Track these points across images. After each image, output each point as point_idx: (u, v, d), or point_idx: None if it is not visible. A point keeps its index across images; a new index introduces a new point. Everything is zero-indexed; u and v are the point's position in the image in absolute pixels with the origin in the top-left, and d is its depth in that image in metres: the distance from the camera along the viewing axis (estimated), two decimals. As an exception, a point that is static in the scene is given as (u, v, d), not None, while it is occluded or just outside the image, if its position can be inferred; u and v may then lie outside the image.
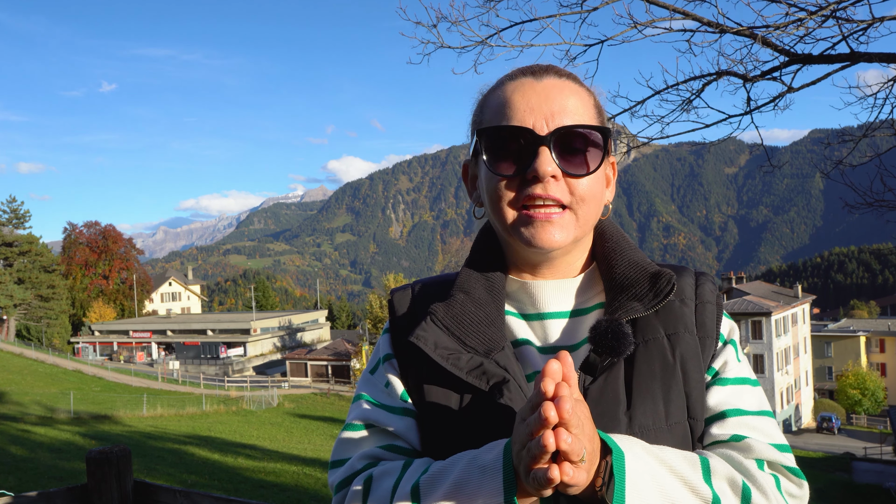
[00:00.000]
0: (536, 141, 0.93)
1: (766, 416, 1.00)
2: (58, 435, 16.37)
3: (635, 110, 5.21)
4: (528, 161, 0.94)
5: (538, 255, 1.00)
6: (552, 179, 0.94)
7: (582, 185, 0.95)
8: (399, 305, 1.10)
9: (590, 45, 4.86)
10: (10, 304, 59.69)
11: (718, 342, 1.03)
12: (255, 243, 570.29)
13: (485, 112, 1.02)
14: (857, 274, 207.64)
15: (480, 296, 1.02)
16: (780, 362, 48.24)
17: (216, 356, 59.17)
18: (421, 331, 0.99)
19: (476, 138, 1.00)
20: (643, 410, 0.94)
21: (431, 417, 0.99)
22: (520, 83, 0.99)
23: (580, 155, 0.96)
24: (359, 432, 1.04)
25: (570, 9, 4.71)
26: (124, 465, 2.80)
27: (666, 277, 1.00)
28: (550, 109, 0.95)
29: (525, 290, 1.04)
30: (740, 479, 0.90)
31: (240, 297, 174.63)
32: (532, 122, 0.95)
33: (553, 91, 0.97)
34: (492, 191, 0.98)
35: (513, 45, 4.76)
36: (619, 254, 1.04)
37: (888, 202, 5.15)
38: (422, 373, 1.01)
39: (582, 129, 0.95)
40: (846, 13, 4.34)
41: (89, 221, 79.27)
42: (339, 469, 1.03)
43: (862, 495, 25.38)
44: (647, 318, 1.00)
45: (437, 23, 4.65)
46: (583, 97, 1.00)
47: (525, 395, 0.94)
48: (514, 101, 0.97)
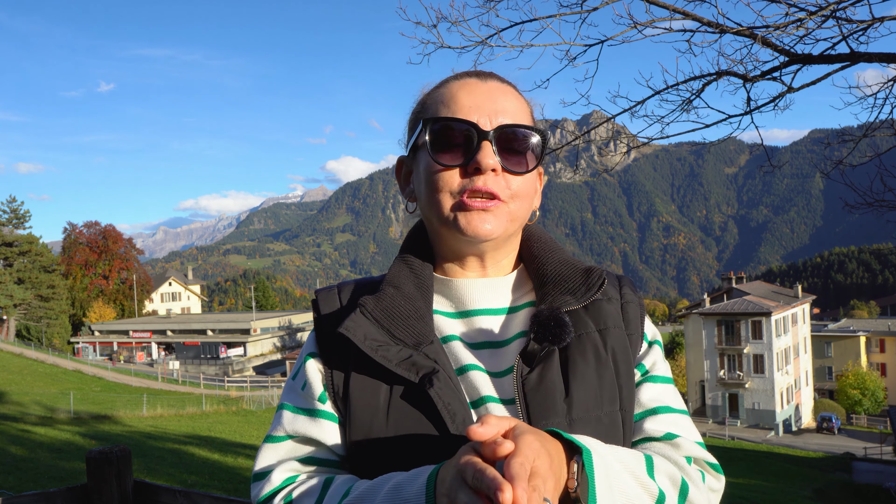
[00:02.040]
0: (480, 135, 0.97)
1: (687, 415, 1.07)
2: (58, 435, 16.36)
3: (635, 110, 5.20)
4: (470, 154, 0.97)
5: (469, 246, 1.03)
6: (492, 173, 0.97)
7: (517, 182, 1.00)
8: (324, 304, 1.09)
9: (590, 45, 4.86)
10: (10, 304, 59.68)
11: (643, 340, 1.09)
12: (255, 243, 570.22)
13: (428, 107, 1.05)
14: (857, 274, 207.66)
15: (410, 291, 1.03)
16: (780, 362, 48.21)
17: (216, 356, 59.15)
18: (350, 322, 0.98)
19: (419, 130, 1.02)
20: (580, 398, 0.96)
21: (358, 413, 0.97)
22: (465, 82, 1.03)
23: (518, 154, 1.00)
24: (279, 444, 1.02)
25: (570, 9, 4.71)
26: (124, 465, 2.80)
27: (597, 272, 1.04)
28: (494, 108, 1.00)
29: (454, 287, 1.06)
30: (679, 475, 0.95)
31: (240, 297, 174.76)
32: (477, 117, 0.99)
33: (497, 92, 1.02)
34: (432, 181, 1.00)
35: (513, 45, 4.76)
36: (549, 253, 1.08)
37: (888, 202, 5.15)
38: (349, 367, 1.00)
39: (523, 129, 1.00)
40: (846, 13, 4.34)
41: (89, 221, 79.33)
42: (260, 482, 1.01)
43: (862, 495, 25.39)
44: (578, 314, 1.03)
45: (437, 23, 4.65)
46: (522, 104, 1.05)
47: (454, 387, 0.94)
48: (459, 97, 1.01)
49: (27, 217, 67.51)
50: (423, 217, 1.09)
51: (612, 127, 6.02)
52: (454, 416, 0.92)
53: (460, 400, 0.93)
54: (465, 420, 0.92)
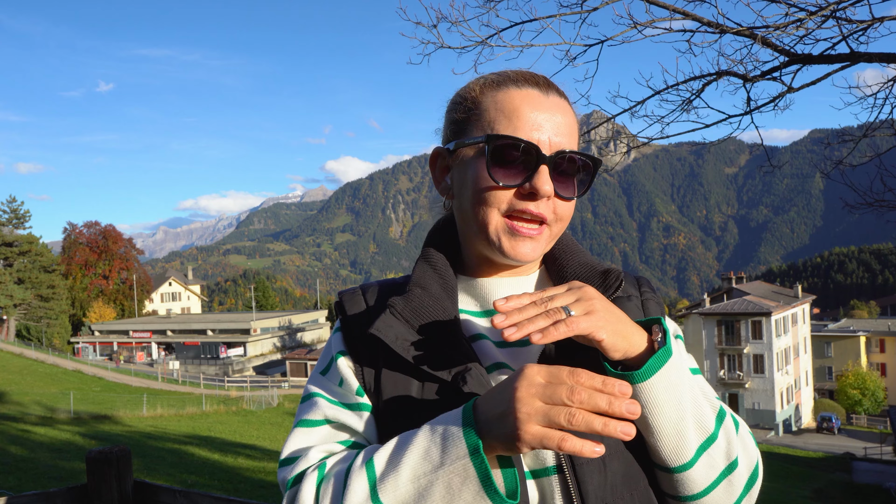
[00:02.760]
0: (540, 159, 0.97)
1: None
2: (58, 435, 16.36)
3: (635, 110, 5.20)
4: (528, 176, 0.97)
5: (506, 263, 1.05)
6: (544, 199, 0.98)
7: (565, 208, 1.02)
8: (349, 305, 1.11)
9: (590, 45, 4.85)
10: (10, 304, 59.69)
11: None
12: (255, 243, 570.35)
13: (485, 110, 1.02)
14: (857, 274, 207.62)
15: (436, 292, 1.04)
16: (780, 362, 48.22)
17: (216, 356, 59.15)
18: (381, 323, 0.99)
19: (478, 140, 1.00)
20: None
21: (391, 411, 0.99)
22: (528, 94, 1.01)
23: (571, 178, 1.01)
24: (315, 428, 1.02)
25: (570, 9, 4.70)
26: (124, 465, 2.80)
27: (615, 273, 1.06)
28: (555, 129, 0.99)
29: (479, 287, 1.09)
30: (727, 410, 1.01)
31: (240, 297, 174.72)
32: (538, 137, 0.98)
33: (557, 111, 1.01)
34: (481, 195, 1.00)
35: (513, 45, 4.75)
36: (570, 255, 1.11)
37: (888, 202, 5.15)
38: (379, 367, 1.02)
39: (580, 155, 1.01)
40: (846, 13, 4.34)
41: (89, 221, 79.39)
42: (292, 464, 0.99)
43: (862, 495, 25.39)
44: None
45: (437, 23, 4.65)
46: (573, 120, 1.05)
47: (486, 384, 0.95)
48: (523, 111, 0.99)
49: (27, 217, 67.53)
50: (460, 219, 1.09)
51: (612, 127, 6.02)
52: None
53: None
54: None
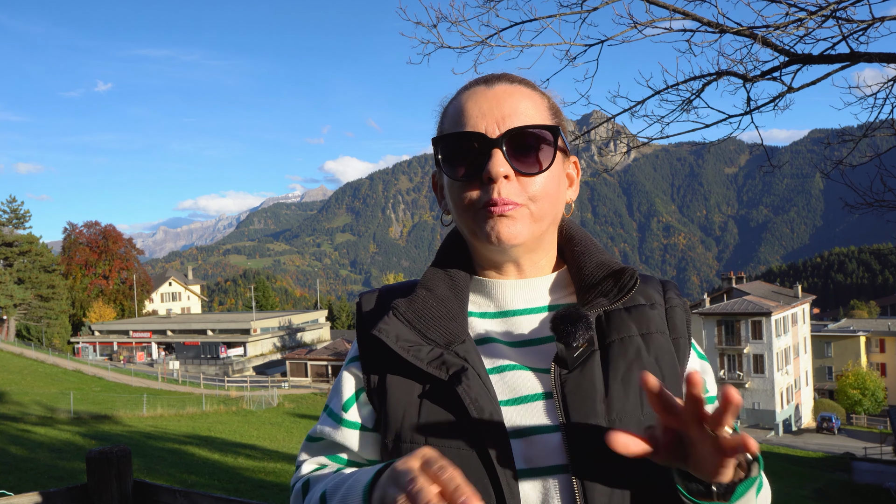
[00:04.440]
0: (488, 144, 0.97)
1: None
2: (58, 435, 16.37)
3: (635, 110, 5.20)
4: (482, 164, 0.98)
5: (502, 254, 1.04)
6: (505, 180, 0.97)
7: (535, 184, 0.99)
8: (366, 306, 1.13)
9: (590, 45, 4.86)
10: (10, 304, 59.69)
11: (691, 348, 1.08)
12: (255, 243, 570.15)
13: (444, 123, 1.07)
14: (857, 274, 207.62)
15: (442, 293, 1.05)
16: (780, 362, 48.23)
17: (216, 356, 59.15)
18: (383, 324, 1.01)
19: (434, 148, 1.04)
20: (619, 399, 0.96)
21: (393, 410, 1.00)
22: (472, 92, 1.03)
23: (532, 154, 0.99)
24: (312, 443, 1.14)
25: (570, 9, 4.71)
26: (124, 465, 2.80)
27: (629, 273, 1.04)
28: (501, 113, 0.99)
29: (491, 288, 1.08)
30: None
31: (240, 297, 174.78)
32: (484, 126, 0.99)
33: (503, 96, 1.01)
34: (454, 196, 1.02)
35: (513, 45, 4.76)
36: (587, 256, 1.09)
37: (888, 202, 5.15)
38: (384, 368, 1.03)
39: (531, 129, 0.99)
40: (846, 13, 4.34)
41: (89, 221, 79.34)
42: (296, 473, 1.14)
43: (862, 495, 25.41)
44: (621, 318, 1.03)
45: (437, 23, 4.65)
46: (535, 100, 1.03)
47: (483, 384, 0.95)
48: (467, 108, 1.01)
49: (27, 217, 67.53)
50: (460, 230, 1.10)
51: (612, 127, 6.03)
52: (482, 413, 0.93)
53: (489, 397, 0.95)
54: (492, 416, 0.93)
